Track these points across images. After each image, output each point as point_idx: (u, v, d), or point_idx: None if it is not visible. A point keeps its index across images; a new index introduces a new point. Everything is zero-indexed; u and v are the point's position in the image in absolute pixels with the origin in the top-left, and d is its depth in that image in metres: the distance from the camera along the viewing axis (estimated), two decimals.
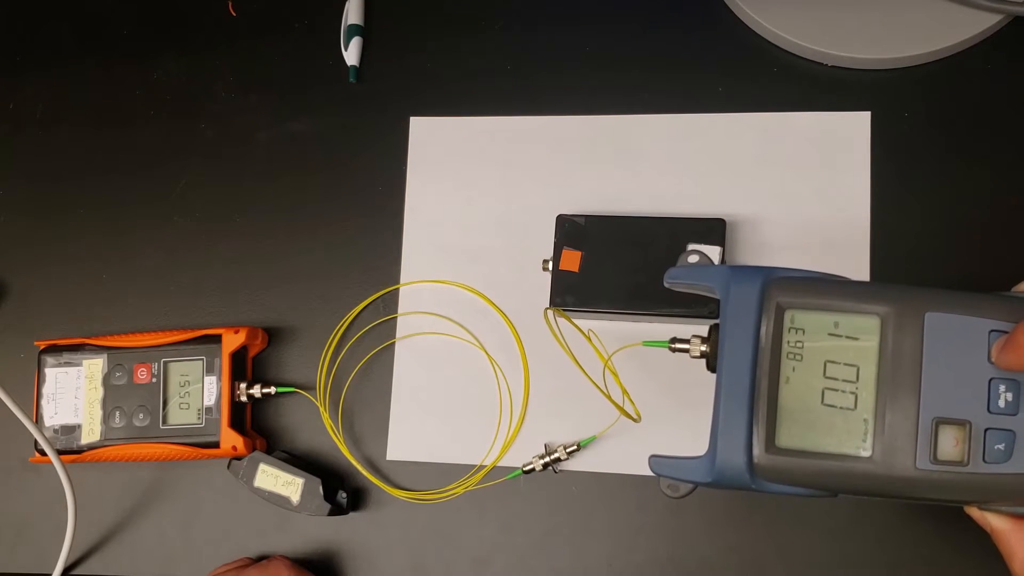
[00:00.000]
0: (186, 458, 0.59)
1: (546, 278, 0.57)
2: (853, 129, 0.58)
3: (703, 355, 0.43)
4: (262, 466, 0.58)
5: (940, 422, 0.37)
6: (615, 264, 0.56)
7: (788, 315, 0.39)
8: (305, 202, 0.64)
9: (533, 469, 0.57)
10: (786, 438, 0.38)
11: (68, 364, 0.61)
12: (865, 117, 0.58)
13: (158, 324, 0.63)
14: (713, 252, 0.54)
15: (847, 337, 0.38)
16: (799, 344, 0.38)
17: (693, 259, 0.44)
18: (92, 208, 0.66)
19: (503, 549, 0.57)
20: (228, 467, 0.58)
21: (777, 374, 0.38)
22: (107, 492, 0.62)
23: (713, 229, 0.55)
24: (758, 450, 0.38)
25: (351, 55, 0.64)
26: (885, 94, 0.58)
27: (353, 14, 0.65)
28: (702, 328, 0.55)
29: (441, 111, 0.63)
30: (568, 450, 0.56)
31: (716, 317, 0.53)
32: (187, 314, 0.64)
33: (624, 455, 0.57)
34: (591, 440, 0.56)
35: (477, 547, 0.58)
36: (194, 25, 0.68)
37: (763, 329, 0.39)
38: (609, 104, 0.61)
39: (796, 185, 0.58)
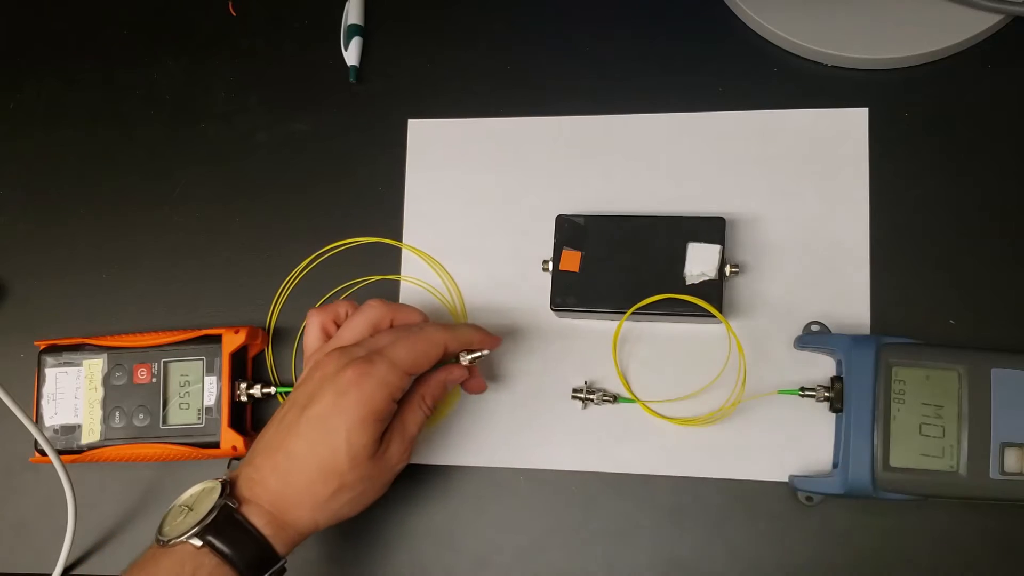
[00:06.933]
0: (186, 458, 0.59)
1: (546, 278, 0.57)
2: (851, 125, 0.58)
3: (827, 399, 0.53)
4: None
5: (1005, 445, 0.50)
6: (615, 264, 0.56)
7: (894, 371, 0.51)
8: (305, 202, 0.64)
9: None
10: (897, 459, 0.50)
11: (68, 364, 0.61)
12: (863, 113, 0.58)
13: (158, 324, 0.63)
14: (713, 250, 0.54)
15: (935, 386, 0.51)
16: (902, 392, 0.51)
17: (815, 328, 0.54)
18: (92, 208, 0.66)
19: (503, 549, 0.57)
20: (228, 467, 0.58)
21: (888, 413, 0.51)
22: (107, 492, 0.62)
23: (713, 228, 0.55)
24: (878, 468, 0.50)
25: (351, 55, 0.64)
26: (885, 94, 0.58)
27: (353, 14, 0.65)
28: (705, 329, 0.56)
29: (441, 110, 0.63)
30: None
31: (714, 317, 0.53)
32: (187, 314, 0.64)
33: (624, 455, 0.57)
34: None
35: (477, 547, 0.58)
36: (194, 25, 0.68)
37: (877, 381, 0.51)
38: (609, 104, 0.61)
39: (795, 183, 0.58)
